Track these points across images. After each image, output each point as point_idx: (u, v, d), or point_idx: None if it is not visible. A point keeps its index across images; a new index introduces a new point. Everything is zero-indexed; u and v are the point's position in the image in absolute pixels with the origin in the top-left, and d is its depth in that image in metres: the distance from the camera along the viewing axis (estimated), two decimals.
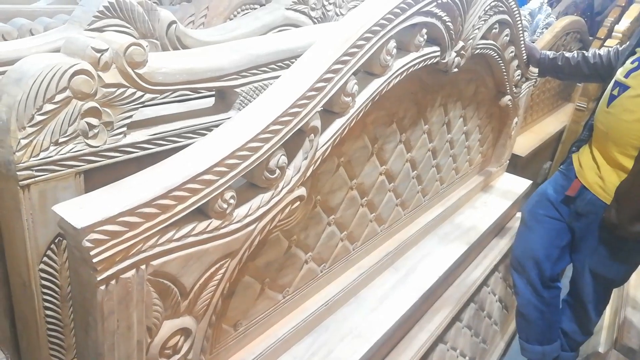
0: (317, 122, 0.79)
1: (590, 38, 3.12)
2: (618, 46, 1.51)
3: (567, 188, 1.49)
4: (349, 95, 0.84)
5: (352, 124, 0.88)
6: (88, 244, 0.53)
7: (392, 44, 0.90)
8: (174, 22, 0.96)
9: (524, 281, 1.60)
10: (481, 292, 1.71)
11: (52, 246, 0.71)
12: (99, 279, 0.56)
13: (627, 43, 1.47)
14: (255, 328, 0.93)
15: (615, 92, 1.35)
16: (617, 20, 3.20)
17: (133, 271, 0.59)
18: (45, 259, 0.71)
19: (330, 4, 1.39)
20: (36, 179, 0.65)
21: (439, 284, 1.36)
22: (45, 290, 0.73)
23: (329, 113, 0.85)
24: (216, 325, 0.82)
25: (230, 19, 1.31)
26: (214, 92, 1.05)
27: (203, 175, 0.63)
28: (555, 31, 2.56)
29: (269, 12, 1.20)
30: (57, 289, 0.75)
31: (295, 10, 1.26)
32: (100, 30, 0.85)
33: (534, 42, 2.65)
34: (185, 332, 0.71)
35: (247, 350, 0.92)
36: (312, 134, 0.80)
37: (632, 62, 1.33)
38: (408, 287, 1.27)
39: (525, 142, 2.56)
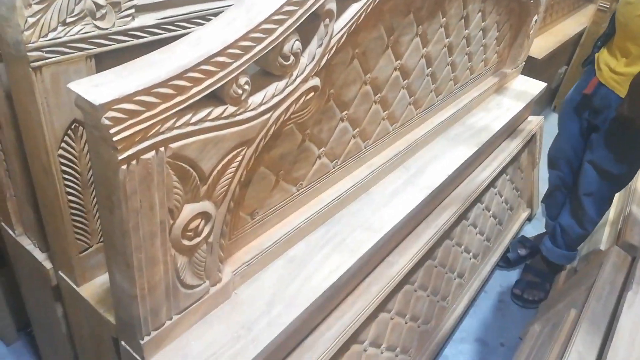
0: (332, 5, 0.75)
1: None
2: None
3: (585, 87, 1.47)
4: None
5: (368, 10, 0.84)
6: (107, 122, 0.53)
7: None
8: None
9: (557, 176, 1.78)
10: (488, 193, 1.75)
11: (69, 132, 0.72)
12: (120, 158, 0.57)
13: None
14: (272, 217, 0.96)
15: None
16: None
17: (153, 152, 0.60)
18: (63, 144, 0.72)
19: None
20: (47, 60, 0.64)
21: (447, 183, 1.38)
22: (66, 176, 0.75)
23: None
24: (234, 212, 0.85)
25: None
26: None
27: (217, 57, 0.62)
28: None
29: None
30: (77, 175, 0.76)
31: None
32: None
33: None
34: (205, 216, 0.74)
35: (265, 237, 0.96)
36: (328, 19, 0.76)
37: None
38: (417, 185, 1.29)
39: (542, 44, 2.46)
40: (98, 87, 0.53)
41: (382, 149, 1.26)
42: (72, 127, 0.72)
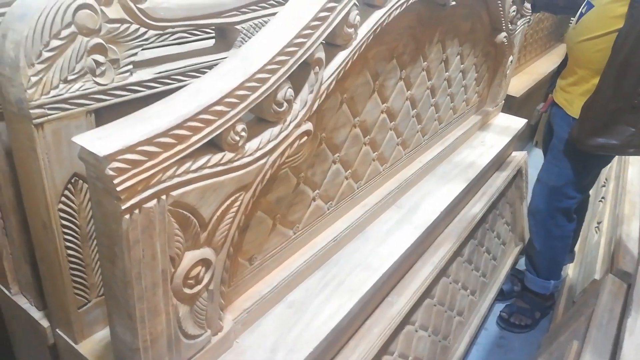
0: (321, 54, 0.79)
1: None
2: None
3: None
4: (351, 26, 0.83)
5: (354, 57, 0.89)
6: (111, 173, 0.55)
7: None
8: None
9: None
10: (480, 229, 1.77)
11: (69, 186, 0.73)
12: (123, 208, 0.58)
13: None
14: (270, 262, 0.97)
15: (583, 10, 1.40)
16: None
17: (155, 201, 0.61)
18: (63, 199, 0.72)
19: None
20: (49, 117, 0.65)
21: (441, 219, 1.40)
22: (65, 231, 0.75)
23: (332, 46, 0.85)
24: (234, 258, 0.85)
25: None
26: (213, 35, 1.04)
27: (215, 106, 0.64)
28: None
29: None
30: (77, 229, 0.76)
31: None
32: None
33: None
34: (205, 262, 0.74)
35: (263, 283, 0.96)
36: (317, 67, 0.80)
37: None
38: (411, 223, 1.30)
39: (518, 83, 2.56)
40: (102, 140, 0.55)
41: (375, 189, 1.28)
42: (72, 180, 0.73)
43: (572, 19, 1.52)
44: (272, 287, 0.96)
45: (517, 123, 1.99)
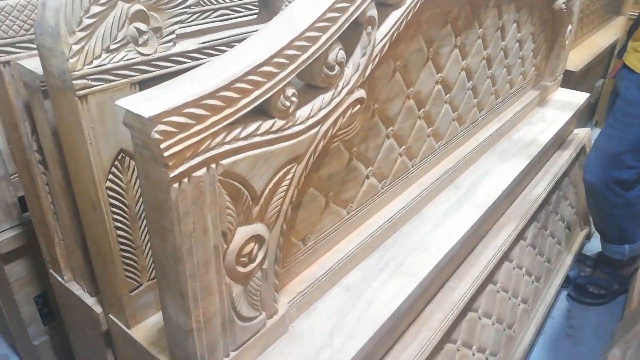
0: (373, 12, 0.73)
1: None
2: None
3: None
4: None
5: (408, 18, 0.82)
6: (157, 136, 0.51)
7: None
8: None
9: None
10: (544, 211, 1.65)
11: (116, 163, 0.70)
12: (171, 175, 0.54)
13: None
14: (324, 243, 0.91)
15: None
16: None
17: (204, 169, 0.57)
18: (110, 176, 0.70)
19: None
20: (93, 89, 0.63)
21: (502, 200, 1.31)
22: (114, 210, 0.73)
23: (384, 6, 0.79)
24: (287, 237, 0.80)
25: None
26: (256, 11, 1.01)
27: (263, 66, 0.59)
28: None
29: None
30: (125, 208, 0.74)
31: None
32: None
33: None
34: (258, 239, 0.70)
35: (318, 265, 0.91)
36: (370, 26, 0.74)
37: None
38: (471, 203, 1.22)
39: (577, 57, 2.40)
40: (147, 102, 0.51)
41: (430, 168, 1.20)
42: (119, 157, 0.70)
43: None
44: (326, 270, 0.90)
45: (579, 98, 1.85)
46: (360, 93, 0.78)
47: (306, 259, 0.89)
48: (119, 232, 0.75)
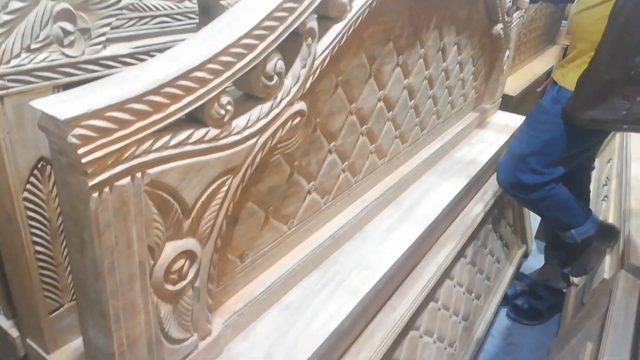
0: (313, 24, 0.73)
1: None
2: None
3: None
4: None
5: (349, 32, 0.82)
6: (74, 140, 0.47)
7: None
8: None
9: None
10: (483, 229, 1.69)
11: (35, 172, 0.65)
12: (91, 184, 0.50)
13: None
14: (263, 260, 0.89)
15: None
16: None
17: (128, 178, 0.53)
18: (29, 186, 0.65)
19: None
20: (10, 90, 0.58)
21: (442, 218, 1.33)
22: (32, 223, 0.67)
23: (326, 19, 0.78)
24: (222, 254, 0.77)
25: None
26: (196, 20, 0.98)
27: (196, 72, 0.57)
28: None
29: None
30: (45, 221, 0.68)
31: None
32: None
33: None
34: (190, 255, 0.66)
35: (256, 283, 0.87)
36: (310, 38, 0.73)
37: None
38: (412, 220, 1.23)
39: (514, 83, 2.52)
40: (64, 103, 0.48)
41: (373, 185, 1.21)
42: (39, 166, 0.65)
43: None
44: (265, 288, 0.87)
45: (516, 121, 1.94)
46: (301, 105, 0.77)
47: (244, 277, 0.85)
48: (38, 248, 0.69)
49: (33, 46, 0.59)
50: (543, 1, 1.69)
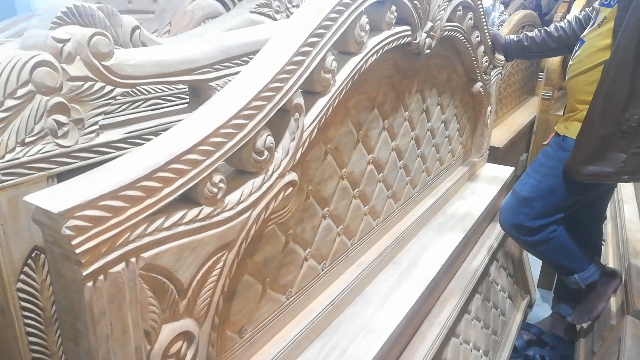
0: (300, 100, 0.76)
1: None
2: (576, 15, 1.56)
3: None
4: (328, 72, 0.81)
5: (335, 104, 0.85)
6: (68, 232, 0.47)
7: (365, 19, 0.88)
8: (137, 27, 0.92)
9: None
10: (484, 282, 1.68)
11: (29, 262, 0.65)
12: (85, 273, 0.50)
13: (586, 9, 1.53)
14: (262, 334, 0.87)
15: (577, 47, 1.43)
16: (565, 15, 3.31)
17: (122, 265, 0.54)
18: (22, 276, 0.64)
19: (293, 6, 1.38)
20: (4, 184, 0.59)
21: (442, 274, 1.32)
22: (26, 314, 0.66)
23: (311, 94, 0.82)
24: (220, 331, 0.75)
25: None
26: (187, 100, 1.02)
27: (187, 154, 0.59)
28: (512, 25, 2.63)
29: (233, 16, 1.18)
30: (39, 311, 0.67)
31: (260, 13, 1.24)
32: None
33: None
34: (187, 336, 0.65)
35: (257, 358, 0.85)
36: (297, 113, 0.76)
37: (592, 21, 1.40)
38: (412, 280, 1.22)
39: (500, 134, 2.59)
40: (57, 196, 0.49)
41: (370, 246, 1.21)
42: (33, 255, 0.65)
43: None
44: None
45: (504, 172, 1.97)
46: (292, 176, 0.78)
47: (243, 353, 0.83)
48: (31, 339, 0.67)
49: (27, 140, 0.60)
50: (517, 58, 1.77)
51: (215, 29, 1.12)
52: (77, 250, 0.48)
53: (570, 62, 1.50)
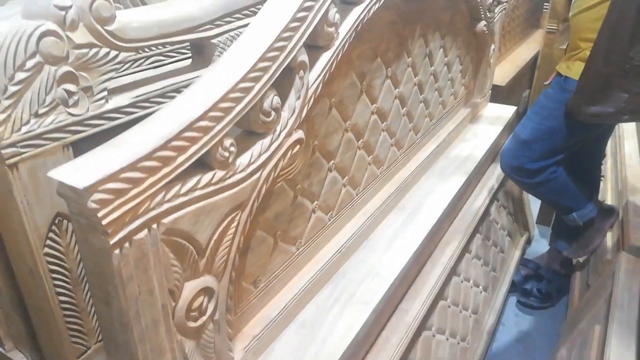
0: (304, 57, 0.76)
1: None
2: None
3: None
4: (332, 25, 0.80)
5: (339, 58, 0.85)
6: (94, 205, 0.50)
7: None
8: None
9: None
10: (485, 222, 1.73)
11: (53, 227, 0.68)
12: (112, 242, 0.53)
13: None
14: (275, 283, 0.92)
15: None
16: None
17: (145, 231, 0.56)
18: (48, 242, 0.68)
19: None
20: (23, 156, 0.61)
21: (445, 217, 1.36)
22: (54, 276, 0.70)
23: (314, 48, 0.81)
24: (237, 283, 0.80)
25: None
26: (190, 55, 1.01)
27: (199, 122, 0.60)
28: None
29: None
30: (66, 272, 0.71)
31: None
32: None
33: None
34: (207, 291, 0.69)
35: (271, 306, 0.91)
36: (302, 70, 0.76)
37: None
38: (415, 224, 1.26)
39: (502, 72, 2.55)
40: (80, 171, 0.51)
41: (374, 194, 1.24)
42: (56, 221, 0.68)
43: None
44: (280, 309, 0.91)
45: (507, 112, 1.97)
46: (299, 134, 0.80)
47: (259, 302, 0.89)
48: (61, 298, 0.72)
49: (41, 111, 0.62)
50: None
51: None
52: (104, 222, 0.51)
53: (574, 2, 1.46)
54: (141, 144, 0.55)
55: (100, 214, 0.51)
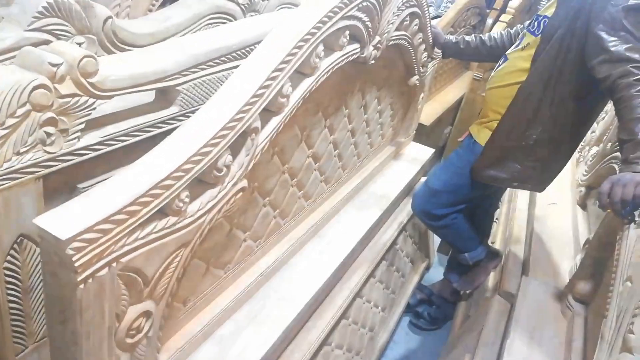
0: (257, 123, 0.89)
1: (487, 10, 3.40)
2: (509, 29, 1.75)
3: None
4: (284, 97, 0.94)
5: (286, 121, 0.99)
6: (71, 252, 0.61)
7: (321, 47, 1.00)
8: (109, 17, 0.98)
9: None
10: (392, 250, 1.94)
11: (15, 245, 0.76)
12: (79, 279, 0.64)
13: (518, 26, 1.72)
14: (202, 302, 1.04)
15: (500, 62, 1.64)
16: (496, 19, 3.44)
17: (106, 269, 0.68)
18: (8, 257, 0.76)
19: None
20: (0, 187, 0.69)
21: (358, 246, 1.55)
22: (8, 285, 0.78)
23: (266, 112, 0.95)
24: (170, 304, 0.92)
25: (153, 5, 1.33)
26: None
27: (164, 181, 0.72)
28: (458, 8, 2.78)
29: (198, 1, 1.24)
30: (19, 283, 0.80)
31: None
32: (39, 30, 0.86)
33: (439, 17, 2.88)
34: (147, 314, 0.81)
35: (195, 322, 1.03)
36: (254, 134, 0.89)
37: (519, 41, 1.59)
38: (331, 252, 1.43)
39: (429, 111, 2.79)
40: (62, 220, 0.61)
41: (299, 223, 1.39)
42: (18, 240, 0.76)
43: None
44: (203, 325, 1.04)
45: (425, 154, 2.20)
46: (243, 183, 0.93)
47: (185, 318, 1.01)
48: (11, 305, 0.80)
49: (22, 150, 0.70)
50: (453, 57, 1.95)
51: (180, 14, 1.18)
52: (76, 264, 0.62)
53: (492, 74, 1.70)
54: (114, 200, 0.66)
55: (74, 258, 0.62)
